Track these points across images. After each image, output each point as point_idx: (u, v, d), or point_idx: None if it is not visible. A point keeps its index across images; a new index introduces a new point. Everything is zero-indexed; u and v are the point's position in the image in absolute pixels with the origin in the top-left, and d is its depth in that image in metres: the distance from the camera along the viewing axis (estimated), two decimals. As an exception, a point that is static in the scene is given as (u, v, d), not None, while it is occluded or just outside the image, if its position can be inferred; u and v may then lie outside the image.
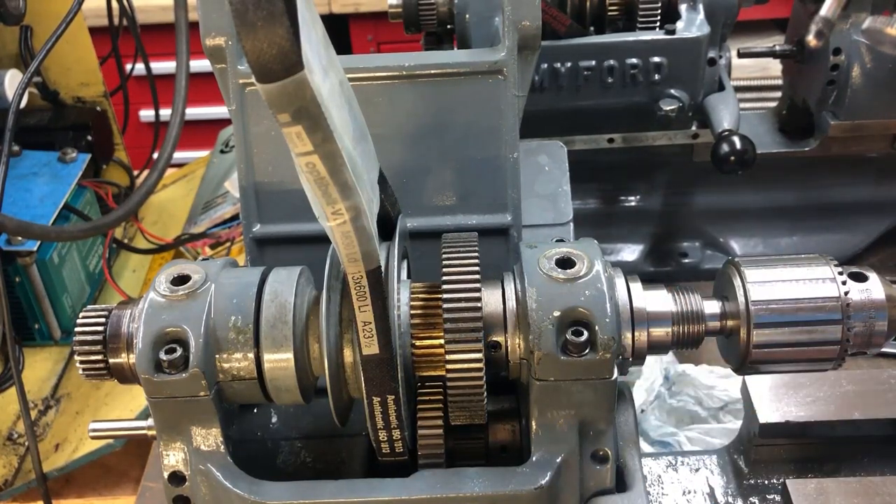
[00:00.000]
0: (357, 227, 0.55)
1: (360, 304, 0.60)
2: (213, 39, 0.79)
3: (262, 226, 0.83)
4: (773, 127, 1.38)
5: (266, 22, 0.43)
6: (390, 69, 0.80)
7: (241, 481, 0.68)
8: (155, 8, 2.39)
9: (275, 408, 0.81)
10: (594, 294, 0.66)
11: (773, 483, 0.91)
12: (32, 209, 1.34)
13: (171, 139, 1.27)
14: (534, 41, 0.78)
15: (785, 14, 1.36)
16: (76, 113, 1.54)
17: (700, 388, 1.24)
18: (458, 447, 0.73)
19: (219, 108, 2.63)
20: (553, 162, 0.95)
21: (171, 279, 0.69)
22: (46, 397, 1.35)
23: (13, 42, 1.42)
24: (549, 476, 0.66)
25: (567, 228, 0.89)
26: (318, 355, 0.69)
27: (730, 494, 0.90)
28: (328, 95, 0.50)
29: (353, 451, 0.77)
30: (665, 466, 0.94)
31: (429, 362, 0.69)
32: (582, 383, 0.66)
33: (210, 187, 1.70)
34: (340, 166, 0.51)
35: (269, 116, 0.78)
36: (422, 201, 0.82)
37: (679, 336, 0.70)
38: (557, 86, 1.25)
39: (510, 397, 0.77)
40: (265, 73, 0.44)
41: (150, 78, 1.59)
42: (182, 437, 0.69)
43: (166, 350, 0.66)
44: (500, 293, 0.69)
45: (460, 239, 0.70)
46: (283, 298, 0.68)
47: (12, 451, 1.27)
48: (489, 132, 0.81)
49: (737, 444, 0.94)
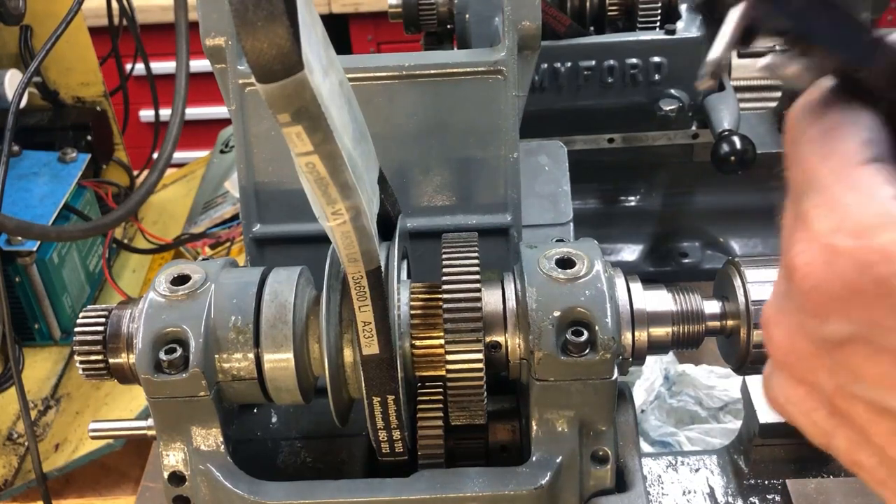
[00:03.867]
0: (357, 227, 0.55)
1: (360, 304, 0.60)
2: (213, 39, 0.79)
3: (262, 226, 0.83)
4: (773, 127, 1.38)
5: (266, 22, 0.43)
6: (390, 69, 0.80)
7: (241, 481, 0.68)
8: (155, 8, 2.39)
9: (275, 408, 0.81)
10: (594, 294, 0.66)
11: (773, 483, 0.90)
12: (32, 209, 1.33)
13: (171, 139, 1.27)
14: (534, 41, 0.78)
15: (785, 14, 1.35)
16: (76, 113, 1.53)
17: (700, 388, 1.24)
18: (458, 447, 0.73)
19: (219, 108, 2.63)
20: (553, 162, 0.95)
21: (171, 279, 0.69)
22: (46, 397, 1.35)
23: (13, 42, 1.42)
24: (549, 476, 0.66)
25: (567, 228, 0.89)
26: (318, 355, 0.69)
27: (730, 494, 0.90)
28: (328, 95, 0.50)
29: (353, 451, 0.77)
30: (665, 466, 0.94)
31: (429, 362, 0.69)
32: (582, 383, 0.66)
33: (210, 187, 1.70)
34: (340, 166, 0.51)
35: (269, 116, 0.78)
36: (422, 201, 0.82)
37: (679, 336, 0.70)
38: (557, 86, 1.24)
39: (510, 397, 0.77)
40: (265, 73, 0.44)
41: (150, 78, 1.58)
42: (182, 437, 0.69)
43: (166, 350, 0.66)
44: (500, 293, 0.69)
45: (460, 239, 0.70)
46: (283, 298, 0.68)
47: (12, 451, 1.27)
48: (489, 132, 0.81)
49: (737, 444, 0.94)
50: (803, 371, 0.47)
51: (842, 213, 0.42)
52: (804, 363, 0.47)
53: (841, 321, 0.43)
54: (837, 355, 0.44)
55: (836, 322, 0.43)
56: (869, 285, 0.41)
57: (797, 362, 0.47)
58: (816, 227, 0.43)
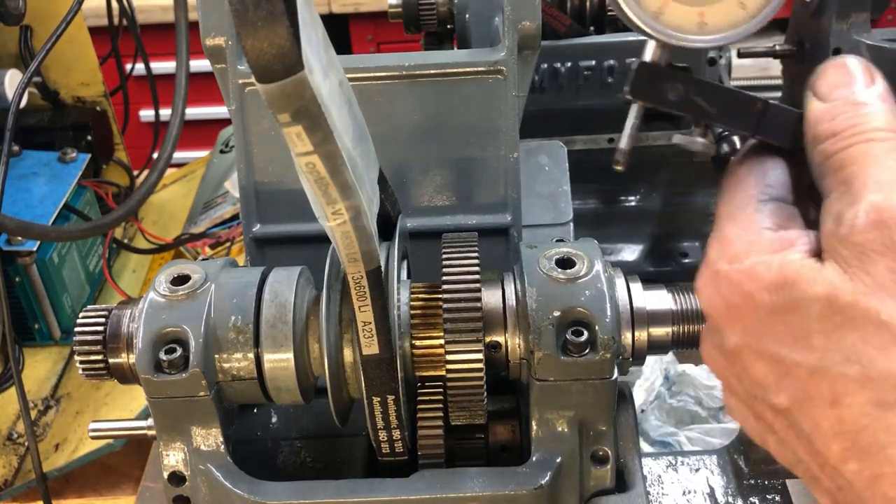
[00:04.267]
0: (357, 227, 0.55)
1: (360, 304, 0.60)
2: (213, 39, 0.79)
3: (262, 226, 0.83)
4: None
5: (266, 22, 0.43)
6: (390, 69, 0.80)
7: (241, 481, 0.68)
8: (155, 8, 2.39)
9: (275, 408, 0.81)
10: (594, 294, 0.66)
11: (773, 483, 0.90)
12: (32, 209, 1.33)
13: (171, 139, 1.27)
14: (534, 41, 0.78)
15: (785, 14, 1.35)
16: (76, 113, 1.53)
17: (700, 388, 1.24)
18: (458, 447, 0.73)
19: (219, 108, 2.62)
20: (553, 162, 0.95)
21: (171, 279, 0.69)
22: (46, 397, 1.35)
23: (13, 42, 1.42)
24: (549, 476, 0.66)
25: (567, 228, 0.89)
26: (318, 355, 0.69)
27: (730, 494, 0.90)
28: (328, 95, 0.50)
29: (353, 451, 0.77)
30: (665, 466, 0.94)
31: (429, 362, 0.69)
32: (582, 383, 0.66)
33: (210, 187, 1.70)
34: (340, 166, 0.51)
35: (269, 116, 0.78)
36: (422, 201, 0.82)
37: (679, 336, 0.70)
38: (557, 86, 1.24)
39: (510, 397, 0.77)
40: (265, 73, 0.44)
41: (150, 78, 1.58)
42: (182, 437, 0.69)
43: (166, 350, 0.66)
44: (500, 293, 0.69)
45: (460, 239, 0.70)
46: (283, 298, 0.68)
47: (12, 451, 1.27)
48: (489, 132, 0.81)
49: (737, 444, 0.94)
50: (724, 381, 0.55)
51: (724, 244, 0.52)
52: (722, 374, 0.55)
53: (729, 333, 0.51)
54: (737, 363, 0.52)
55: (727, 334, 0.52)
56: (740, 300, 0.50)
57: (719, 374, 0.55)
58: (709, 256, 0.52)
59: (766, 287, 0.48)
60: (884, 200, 0.46)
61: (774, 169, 0.54)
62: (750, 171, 0.55)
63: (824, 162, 0.51)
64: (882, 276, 0.45)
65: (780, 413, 0.50)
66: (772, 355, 0.49)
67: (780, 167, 0.54)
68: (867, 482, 0.46)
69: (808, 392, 0.48)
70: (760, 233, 0.51)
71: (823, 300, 0.46)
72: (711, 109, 0.55)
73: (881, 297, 0.45)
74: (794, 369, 0.48)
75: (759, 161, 0.55)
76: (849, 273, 0.46)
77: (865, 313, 0.45)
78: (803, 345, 0.47)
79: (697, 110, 0.55)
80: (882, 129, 0.50)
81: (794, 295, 0.48)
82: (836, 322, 0.46)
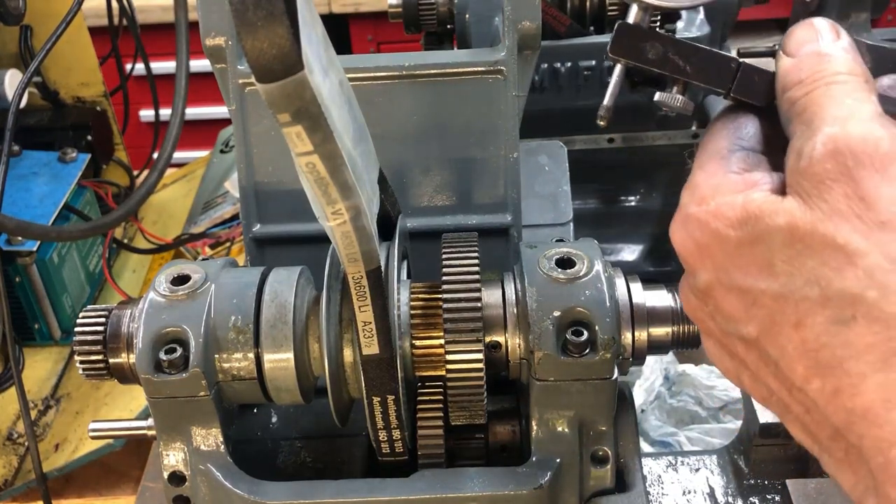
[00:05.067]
0: (357, 227, 0.55)
1: (360, 304, 0.60)
2: (213, 39, 0.79)
3: (262, 226, 0.83)
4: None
5: (266, 22, 0.43)
6: (390, 69, 0.80)
7: (241, 481, 0.68)
8: (155, 8, 2.39)
9: (275, 408, 0.81)
10: (594, 294, 0.66)
11: (773, 483, 0.90)
12: (32, 209, 1.33)
13: (171, 139, 1.27)
14: (534, 41, 0.78)
15: (785, 14, 1.36)
16: (76, 113, 1.53)
17: (700, 388, 1.24)
18: (458, 447, 0.73)
19: (219, 108, 2.63)
20: (553, 162, 0.95)
21: (171, 279, 0.69)
22: (46, 397, 1.35)
23: (13, 42, 1.42)
24: (549, 476, 0.66)
25: (567, 228, 0.89)
26: (318, 355, 0.69)
27: (730, 494, 0.90)
28: (328, 95, 0.50)
29: (353, 451, 0.77)
30: (665, 466, 0.94)
31: (429, 362, 0.69)
32: (582, 383, 0.66)
33: (210, 187, 1.70)
34: (340, 166, 0.51)
35: (269, 116, 0.78)
36: (422, 201, 0.82)
37: (679, 336, 0.70)
38: (557, 86, 1.24)
39: (510, 397, 0.77)
40: (265, 73, 0.44)
41: (150, 78, 1.58)
42: (182, 437, 0.69)
43: (166, 350, 0.66)
44: (500, 293, 0.69)
45: (460, 239, 0.70)
46: (283, 298, 0.68)
47: (12, 451, 1.27)
48: (489, 132, 0.81)
49: (737, 444, 0.94)
50: (699, 322, 0.57)
51: (693, 190, 0.54)
52: (696, 315, 0.57)
53: (701, 272, 0.54)
54: (709, 301, 0.54)
55: (699, 273, 0.54)
56: (709, 239, 0.52)
57: (694, 316, 0.57)
58: (681, 202, 0.55)
59: (732, 224, 0.51)
60: (839, 132, 0.49)
61: (746, 124, 0.57)
62: (724, 126, 0.57)
63: (790, 108, 0.53)
64: (837, 202, 0.47)
65: (750, 345, 0.52)
66: (739, 287, 0.51)
67: (752, 122, 0.57)
68: (829, 397, 0.48)
69: (773, 318, 0.50)
70: (726, 176, 0.53)
71: (785, 230, 0.49)
72: (688, 68, 0.58)
73: (837, 221, 0.47)
74: (761, 297, 0.50)
75: (733, 117, 0.58)
76: (808, 203, 0.49)
77: (823, 238, 0.47)
78: (768, 273, 0.50)
79: (675, 68, 0.58)
80: (842, 73, 0.53)
81: (757, 228, 0.50)
82: (798, 249, 0.48)
